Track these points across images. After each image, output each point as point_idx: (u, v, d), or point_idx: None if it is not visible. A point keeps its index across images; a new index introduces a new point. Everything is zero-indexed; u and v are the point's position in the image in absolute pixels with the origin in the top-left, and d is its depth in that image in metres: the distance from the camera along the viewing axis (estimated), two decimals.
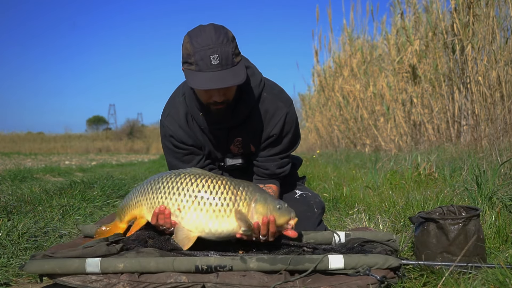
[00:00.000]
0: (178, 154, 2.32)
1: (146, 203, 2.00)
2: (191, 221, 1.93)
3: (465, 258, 1.81)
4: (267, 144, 2.29)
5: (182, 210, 1.94)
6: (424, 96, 7.67)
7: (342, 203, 3.66)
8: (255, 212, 1.93)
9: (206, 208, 1.92)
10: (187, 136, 2.28)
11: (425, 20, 7.54)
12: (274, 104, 2.24)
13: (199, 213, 1.92)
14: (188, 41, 1.99)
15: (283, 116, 2.23)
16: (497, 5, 5.91)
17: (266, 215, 1.91)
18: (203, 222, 1.92)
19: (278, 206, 1.94)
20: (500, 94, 5.72)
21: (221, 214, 1.91)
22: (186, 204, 1.93)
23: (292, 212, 1.95)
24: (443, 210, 2.06)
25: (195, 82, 1.96)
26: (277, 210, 1.93)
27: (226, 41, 1.96)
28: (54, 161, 13.91)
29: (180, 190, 1.94)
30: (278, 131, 2.24)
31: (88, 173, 7.78)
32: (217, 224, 1.92)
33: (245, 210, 1.93)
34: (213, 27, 2.00)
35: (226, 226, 1.92)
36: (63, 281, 1.75)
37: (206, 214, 1.92)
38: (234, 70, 1.97)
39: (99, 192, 4.24)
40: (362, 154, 8.97)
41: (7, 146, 35.51)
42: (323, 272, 1.77)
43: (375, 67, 10.08)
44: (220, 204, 1.92)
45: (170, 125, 2.28)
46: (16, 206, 3.31)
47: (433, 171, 4.28)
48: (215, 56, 1.94)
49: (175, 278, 1.72)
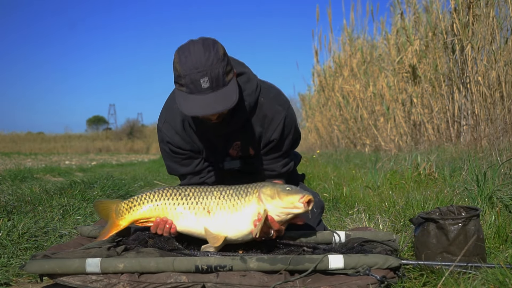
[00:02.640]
0: (177, 159, 2.33)
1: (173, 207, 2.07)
2: (219, 221, 2.02)
3: (465, 258, 1.81)
4: (269, 149, 2.28)
5: (211, 212, 2.03)
6: (424, 96, 7.67)
7: (342, 203, 3.67)
8: (263, 194, 1.99)
9: (228, 205, 2.03)
10: (184, 142, 2.27)
11: (425, 20, 7.54)
12: (272, 109, 2.21)
13: (223, 211, 2.02)
14: (178, 61, 1.94)
15: (282, 120, 2.21)
16: (497, 5, 5.91)
17: (273, 195, 1.97)
18: (228, 218, 2.01)
19: (287, 188, 2.00)
20: (500, 94, 5.72)
21: (238, 207, 2.02)
22: (213, 206, 2.03)
23: (304, 191, 1.98)
24: (443, 210, 2.06)
25: (186, 107, 1.93)
26: (284, 190, 1.98)
27: (216, 62, 1.91)
28: (54, 161, 13.91)
29: (206, 195, 2.06)
30: (278, 136, 2.23)
31: (88, 173, 7.78)
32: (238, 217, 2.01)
33: (254, 196, 2.01)
34: (202, 45, 1.93)
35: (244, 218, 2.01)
36: (63, 281, 1.75)
37: (228, 210, 2.02)
38: (225, 91, 1.93)
39: (99, 192, 4.24)
40: (362, 154, 8.97)
41: (7, 146, 35.52)
42: (323, 272, 1.77)
43: (375, 67, 10.08)
44: (236, 198, 2.02)
45: (167, 132, 2.27)
46: (16, 206, 3.31)
47: (433, 171, 4.28)
48: (205, 79, 1.90)
49: (175, 278, 1.72)
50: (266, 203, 1.98)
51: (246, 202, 2.01)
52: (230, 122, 2.15)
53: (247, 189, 2.04)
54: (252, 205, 2.00)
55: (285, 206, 1.97)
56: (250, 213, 2.00)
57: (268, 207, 1.98)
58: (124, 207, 2.12)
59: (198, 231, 2.05)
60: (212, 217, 2.02)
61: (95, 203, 2.22)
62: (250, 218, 2.00)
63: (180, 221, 2.05)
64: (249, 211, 2.00)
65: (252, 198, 2.01)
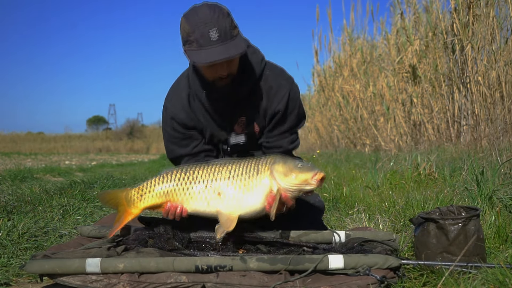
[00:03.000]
0: (176, 139, 2.35)
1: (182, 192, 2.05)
2: (230, 202, 2.00)
3: (465, 258, 1.81)
4: (275, 122, 2.31)
5: (221, 194, 2.01)
6: (424, 96, 7.67)
7: (342, 203, 3.67)
8: (275, 171, 1.99)
9: (239, 185, 2.01)
10: (189, 118, 2.31)
11: (425, 20, 7.54)
12: (276, 81, 2.28)
13: (233, 192, 2.01)
14: (185, 21, 2.01)
15: (287, 93, 2.27)
16: (497, 5, 5.91)
17: (286, 173, 1.97)
18: (240, 199, 2.00)
19: (298, 164, 1.99)
20: (500, 94, 5.72)
21: (250, 186, 2.00)
22: (223, 187, 2.01)
23: (315, 168, 1.98)
24: (443, 210, 2.06)
25: (199, 59, 1.99)
26: (297, 167, 1.98)
27: (222, 16, 2.00)
28: (54, 161, 13.91)
29: (215, 176, 2.03)
30: (283, 108, 2.27)
31: (88, 173, 7.78)
32: (251, 196, 2.00)
33: (266, 174, 2.00)
34: (207, 5, 2.03)
35: (257, 197, 2.00)
36: (63, 281, 1.75)
37: (239, 190, 2.00)
38: (234, 42, 2.01)
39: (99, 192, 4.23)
40: (362, 154, 8.97)
41: (7, 146, 35.53)
42: (323, 272, 1.77)
43: (375, 67, 10.08)
44: (248, 177, 2.01)
45: (172, 107, 2.31)
46: (16, 206, 3.31)
47: (433, 171, 4.28)
48: (214, 30, 1.97)
49: (175, 278, 1.72)
50: (280, 182, 1.98)
51: (259, 181, 2.00)
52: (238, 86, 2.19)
53: (258, 166, 2.02)
54: (264, 183, 2.00)
55: (299, 184, 1.98)
56: (263, 191, 2.00)
57: (282, 185, 1.98)
58: (135, 194, 2.10)
59: (210, 213, 2.05)
60: (223, 199, 2.01)
61: (100, 194, 2.22)
62: (263, 196, 2.00)
63: (190, 205, 2.05)
64: (262, 190, 2.00)
65: (265, 176, 2.00)
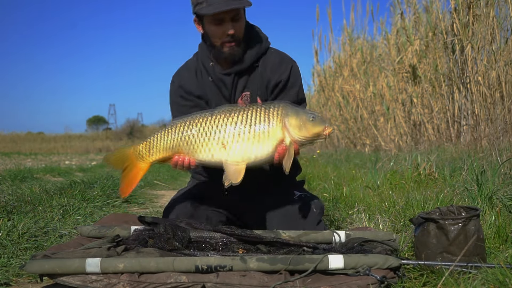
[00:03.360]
0: (185, 107, 2.41)
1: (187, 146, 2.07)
2: (237, 153, 2.01)
3: (465, 258, 1.81)
4: (276, 94, 2.41)
5: (227, 146, 2.02)
6: (424, 96, 7.67)
7: (342, 203, 3.66)
8: (289, 125, 2.01)
9: (247, 136, 2.01)
10: (196, 86, 2.42)
11: (425, 20, 7.54)
12: (280, 56, 2.44)
13: (241, 143, 2.01)
14: None
15: (289, 66, 2.42)
16: (497, 5, 5.91)
17: (300, 127, 2.01)
18: (247, 151, 2.01)
19: (311, 117, 2.03)
20: (500, 94, 5.72)
21: (261, 138, 2.01)
22: (229, 138, 2.02)
23: (326, 121, 2.04)
24: (443, 210, 2.06)
25: (208, 11, 2.20)
26: (309, 121, 2.02)
27: None
28: (54, 161, 13.91)
29: (220, 127, 2.03)
30: (286, 78, 2.39)
31: (88, 173, 7.77)
32: (260, 148, 2.01)
33: (279, 127, 2.01)
34: None
35: (267, 148, 2.02)
36: (63, 281, 1.75)
37: (248, 142, 2.01)
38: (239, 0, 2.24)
39: (99, 192, 4.24)
40: (362, 154, 8.97)
41: (7, 146, 35.48)
42: (323, 272, 1.77)
43: (375, 67, 10.08)
44: (258, 129, 2.01)
45: (180, 78, 2.45)
46: (16, 206, 3.31)
47: (433, 171, 4.28)
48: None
49: (175, 278, 1.72)
50: (294, 135, 2.02)
51: (271, 134, 2.02)
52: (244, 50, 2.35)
53: (269, 117, 2.02)
54: (277, 136, 2.02)
55: (311, 137, 2.04)
56: (274, 143, 2.02)
57: (296, 138, 2.02)
58: (143, 149, 2.13)
59: (216, 164, 2.08)
60: (228, 150, 2.02)
61: (106, 155, 2.24)
62: (274, 147, 2.02)
63: (196, 156, 2.07)
64: (274, 141, 2.02)
65: (277, 128, 2.02)
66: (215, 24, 2.28)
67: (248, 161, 2.02)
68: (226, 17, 2.26)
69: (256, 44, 2.41)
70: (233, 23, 2.28)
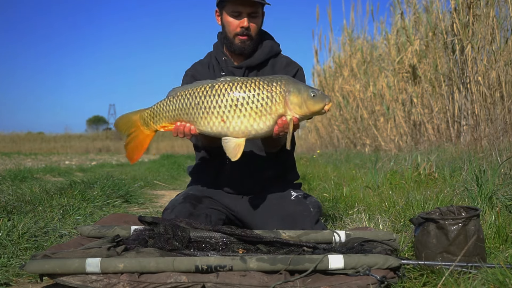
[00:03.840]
0: None
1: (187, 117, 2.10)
2: (237, 128, 2.03)
3: (465, 258, 1.81)
4: None
5: (226, 121, 2.03)
6: (424, 96, 7.67)
7: (342, 203, 3.66)
8: (290, 103, 2.03)
9: (248, 112, 2.02)
10: (208, 76, 2.51)
11: (425, 20, 7.54)
12: (289, 60, 2.60)
13: (242, 119, 2.02)
14: None
15: (296, 69, 2.57)
16: (497, 5, 5.91)
17: (301, 105, 2.03)
18: (247, 126, 2.03)
19: (312, 94, 2.04)
20: (500, 94, 5.72)
21: (262, 114, 2.02)
22: (229, 114, 2.03)
23: (326, 97, 2.06)
24: (443, 210, 2.06)
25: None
26: (311, 98, 2.04)
27: None
28: (54, 161, 13.91)
29: (220, 103, 2.04)
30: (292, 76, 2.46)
31: (88, 173, 7.77)
32: (261, 124, 2.03)
33: (281, 104, 2.03)
34: None
35: (267, 124, 2.04)
36: (63, 281, 1.75)
37: (249, 117, 2.02)
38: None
39: (99, 192, 4.23)
40: (362, 154, 8.97)
41: (7, 146, 35.49)
42: (323, 272, 1.77)
43: (375, 67, 10.08)
44: (260, 105, 2.02)
45: (193, 69, 2.59)
46: (16, 206, 3.31)
47: (433, 171, 4.28)
48: None
49: (175, 278, 1.72)
50: (295, 113, 2.04)
51: (273, 110, 2.04)
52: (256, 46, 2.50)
53: (271, 94, 2.03)
54: (278, 112, 2.05)
55: (312, 113, 2.07)
56: (275, 118, 2.04)
57: (297, 116, 2.04)
58: (148, 116, 2.18)
59: (216, 136, 2.11)
60: (228, 125, 2.04)
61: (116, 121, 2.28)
62: (274, 122, 2.05)
63: (197, 126, 2.10)
64: (274, 117, 2.04)
65: (280, 105, 2.03)
66: (233, 16, 2.42)
67: (248, 136, 2.05)
68: (244, 10, 2.40)
69: (268, 46, 2.55)
70: (250, 19, 2.42)
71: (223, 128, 2.04)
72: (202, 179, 2.65)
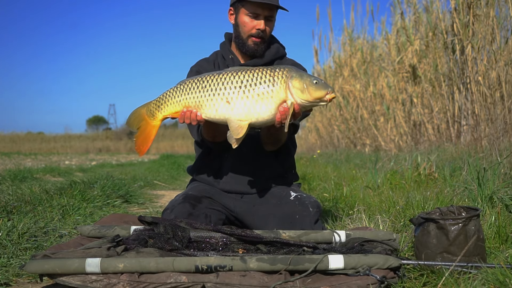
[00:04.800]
0: None
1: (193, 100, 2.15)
2: (241, 110, 2.07)
3: (465, 258, 1.81)
4: None
5: (231, 102, 2.08)
6: (424, 96, 7.67)
7: (342, 203, 3.66)
8: (292, 87, 2.06)
9: (251, 94, 2.07)
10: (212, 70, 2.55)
11: (425, 20, 7.55)
12: (293, 62, 2.63)
13: (245, 100, 2.07)
14: None
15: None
16: (497, 5, 5.91)
17: (302, 90, 2.05)
18: (251, 108, 2.07)
19: (314, 81, 2.07)
20: (500, 94, 5.72)
21: (264, 97, 2.07)
22: (233, 95, 2.08)
23: (329, 87, 2.07)
24: (443, 210, 2.06)
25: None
26: (313, 84, 2.06)
27: None
28: (54, 161, 13.91)
29: (225, 85, 2.10)
30: None
31: (88, 173, 7.77)
32: (263, 107, 2.07)
33: (282, 88, 2.06)
34: None
35: (269, 107, 2.07)
36: (63, 281, 1.75)
37: (252, 100, 2.07)
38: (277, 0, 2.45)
39: (99, 192, 4.23)
40: (362, 154, 8.97)
41: (7, 146, 35.50)
42: (323, 272, 1.77)
43: (375, 67, 10.08)
44: (262, 88, 2.07)
45: (198, 65, 2.62)
46: (16, 206, 3.31)
47: (433, 171, 4.28)
48: None
49: (175, 278, 1.72)
50: (296, 97, 2.06)
51: (274, 93, 2.07)
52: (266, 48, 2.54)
53: (273, 78, 2.07)
54: (280, 96, 2.06)
55: (313, 100, 2.07)
56: (277, 102, 2.07)
57: (298, 101, 2.06)
58: (154, 106, 2.24)
59: (220, 120, 2.14)
60: (233, 107, 2.08)
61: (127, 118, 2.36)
62: (276, 107, 2.07)
63: (203, 111, 2.14)
64: (276, 101, 2.07)
65: (281, 89, 2.07)
66: (250, 16, 2.45)
67: (251, 119, 2.08)
68: (262, 13, 2.43)
69: (274, 48, 2.59)
70: (266, 21, 2.46)
71: (227, 110, 2.09)
72: (201, 179, 2.65)
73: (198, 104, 2.14)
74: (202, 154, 2.65)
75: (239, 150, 2.50)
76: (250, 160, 2.54)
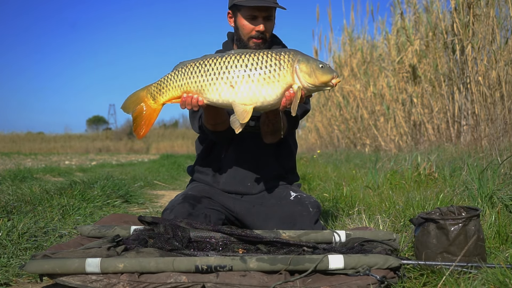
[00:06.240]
0: None
1: (195, 85, 2.09)
2: (245, 94, 2.02)
3: (465, 258, 1.81)
4: None
5: (235, 86, 2.03)
6: (424, 96, 7.67)
7: (342, 203, 3.66)
8: (299, 71, 2.03)
9: (256, 78, 2.02)
10: None
11: (425, 20, 7.55)
12: None
13: (250, 84, 2.02)
14: None
15: None
16: (497, 5, 5.91)
17: (310, 73, 2.02)
18: (256, 92, 2.02)
19: (320, 65, 2.04)
20: (500, 94, 5.72)
21: (270, 81, 2.02)
22: (237, 79, 2.03)
23: (334, 71, 2.05)
24: (443, 210, 2.06)
25: (248, 3, 2.36)
26: (319, 68, 2.03)
27: None
28: (54, 161, 13.91)
29: (229, 69, 2.04)
30: None
31: (88, 173, 7.77)
32: (269, 91, 2.02)
33: (289, 72, 2.03)
34: None
35: (276, 91, 2.03)
36: (63, 281, 1.75)
37: (257, 84, 2.02)
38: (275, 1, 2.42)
39: (99, 192, 4.23)
40: (362, 154, 8.97)
41: (7, 146, 35.51)
42: (323, 272, 1.77)
43: (375, 67, 10.09)
44: (268, 71, 2.03)
45: None
46: (16, 206, 3.31)
47: (433, 171, 4.28)
48: None
49: (175, 278, 1.72)
50: (303, 81, 2.03)
51: (281, 77, 2.03)
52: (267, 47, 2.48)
53: (280, 62, 2.03)
54: (286, 80, 2.03)
55: (319, 84, 2.05)
56: (283, 86, 2.03)
57: (304, 85, 2.03)
58: (155, 90, 2.17)
59: (224, 105, 2.09)
60: (237, 91, 2.03)
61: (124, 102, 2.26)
62: (282, 91, 2.03)
63: (205, 95, 2.08)
64: (282, 85, 2.03)
65: (288, 73, 2.03)
66: (248, 19, 2.43)
67: (256, 103, 2.03)
68: (260, 15, 2.42)
69: (277, 46, 2.56)
70: (265, 22, 2.44)
71: (231, 94, 2.03)
72: (201, 179, 2.65)
73: (200, 88, 2.08)
74: (203, 154, 2.65)
75: (239, 150, 2.50)
76: (250, 160, 2.54)
